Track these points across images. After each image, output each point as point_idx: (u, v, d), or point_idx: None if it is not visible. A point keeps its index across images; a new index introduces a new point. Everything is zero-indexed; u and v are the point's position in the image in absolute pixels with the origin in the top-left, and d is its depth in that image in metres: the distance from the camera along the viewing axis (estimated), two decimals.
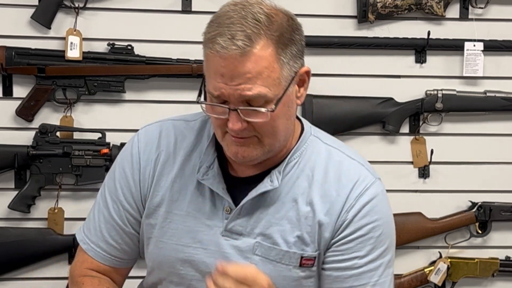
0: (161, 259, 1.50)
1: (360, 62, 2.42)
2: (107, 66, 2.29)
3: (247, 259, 1.45)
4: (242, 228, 1.46)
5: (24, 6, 2.28)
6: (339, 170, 1.48)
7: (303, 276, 1.47)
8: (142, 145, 1.53)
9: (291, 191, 1.46)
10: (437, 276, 2.43)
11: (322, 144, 1.52)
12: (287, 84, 1.39)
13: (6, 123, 2.31)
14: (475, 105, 2.44)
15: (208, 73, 1.37)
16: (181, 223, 1.48)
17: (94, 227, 1.55)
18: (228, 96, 1.34)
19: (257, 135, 1.39)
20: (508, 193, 2.49)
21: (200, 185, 1.48)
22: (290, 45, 1.39)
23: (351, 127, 2.41)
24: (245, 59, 1.32)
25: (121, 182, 1.53)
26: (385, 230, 1.49)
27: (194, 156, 1.50)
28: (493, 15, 2.45)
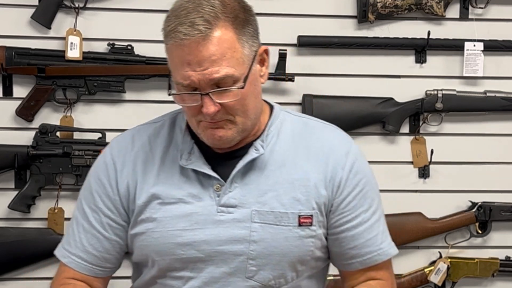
0: (160, 249, 1.51)
1: (360, 62, 2.43)
2: (107, 66, 2.29)
3: (246, 228, 1.49)
4: (236, 200, 1.50)
5: (24, 6, 2.28)
6: (319, 134, 1.58)
7: (304, 235, 1.51)
8: (115, 151, 1.57)
9: (277, 157, 1.53)
10: (437, 276, 2.43)
11: (294, 116, 1.61)
12: (250, 62, 1.45)
13: (6, 123, 2.31)
14: (475, 105, 2.44)
15: (173, 65, 1.44)
16: (175, 210, 1.51)
17: (74, 240, 1.57)
18: (198, 82, 1.41)
19: (230, 117, 1.45)
20: (508, 193, 2.50)
21: (184, 171, 1.52)
22: (246, 25, 1.46)
23: (351, 127, 2.40)
24: (208, 42, 1.39)
25: (98, 191, 1.55)
26: (373, 182, 1.61)
27: (171, 149, 1.55)
28: (493, 15, 2.45)
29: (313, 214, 1.51)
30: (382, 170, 2.45)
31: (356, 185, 1.55)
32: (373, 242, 1.56)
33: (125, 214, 1.55)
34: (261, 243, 1.49)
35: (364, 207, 1.55)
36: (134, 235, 1.54)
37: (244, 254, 1.49)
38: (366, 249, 1.56)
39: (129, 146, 1.57)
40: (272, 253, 1.49)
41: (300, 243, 1.51)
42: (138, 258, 1.58)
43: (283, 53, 2.33)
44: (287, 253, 1.50)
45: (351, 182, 1.54)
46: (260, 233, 1.49)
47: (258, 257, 1.49)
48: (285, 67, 2.34)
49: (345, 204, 1.54)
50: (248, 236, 1.48)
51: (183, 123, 1.56)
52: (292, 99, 2.40)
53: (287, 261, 1.50)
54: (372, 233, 1.56)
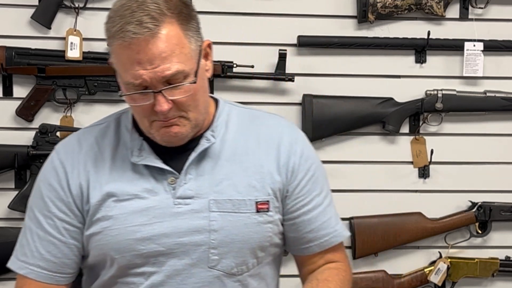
0: (119, 246, 1.49)
1: (360, 62, 2.43)
2: (107, 66, 2.28)
3: (205, 218, 1.49)
4: (192, 191, 1.50)
5: (24, 6, 2.28)
6: (266, 123, 1.61)
7: (262, 221, 1.53)
8: (63, 155, 1.55)
9: (228, 147, 1.54)
10: (437, 276, 2.43)
11: (239, 108, 1.64)
12: (197, 57, 1.46)
13: (6, 123, 2.31)
14: (475, 105, 2.44)
15: (121, 66, 1.43)
16: (131, 206, 1.50)
17: (30, 250, 1.54)
18: (149, 80, 1.41)
19: (183, 113, 1.46)
20: (508, 193, 2.50)
21: (136, 167, 1.52)
22: (190, 20, 1.46)
23: (351, 127, 2.41)
24: (157, 39, 1.39)
25: (50, 196, 1.53)
26: (321, 166, 1.64)
27: (120, 148, 1.54)
28: (493, 15, 2.45)
29: (269, 200, 1.54)
30: (382, 170, 2.45)
31: (308, 170, 1.58)
32: (328, 224, 1.60)
33: (80, 216, 1.53)
34: (222, 232, 1.50)
35: (317, 191, 1.59)
36: (90, 235, 1.52)
37: (205, 244, 1.49)
38: (323, 232, 1.59)
39: (76, 148, 1.56)
40: (233, 240, 1.50)
41: (259, 229, 1.53)
42: (94, 259, 1.55)
43: (283, 53, 2.33)
44: (248, 239, 1.51)
45: (303, 167, 1.57)
46: (220, 221, 1.50)
47: (220, 246, 1.50)
48: (285, 67, 2.34)
49: (300, 188, 1.57)
50: (207, 226, 1.49)
51: (128, 123, 1.56)
52: (292, 99, 2.40)
53: (248, 248, 1.52)
54: (326, 215, 1.60)
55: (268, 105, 2.35)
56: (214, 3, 2.36)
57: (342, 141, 2.43)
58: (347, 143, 2.44)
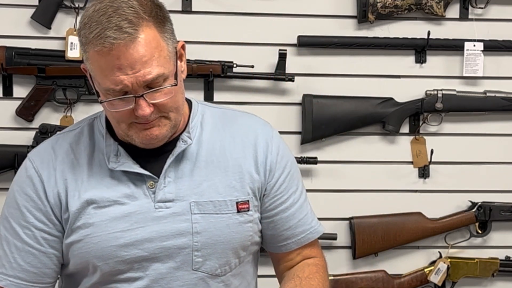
0: (101, 253, 1.48)
1: (360, 62, 2.42)
2: None
3: (187, 221, 1.49)
4: (172, 195, 1.50)
5: (24, 6, 2.28)
6: (240, 121, 1.61)
7: (243, 221, 1.54)
8: (38, 163, 1.53)
9: (205, 148, 1.54)
10: (437, 276, 2.43)
11: (212, 108, 1.63)
12: (174, 59, 1.46)
13: (6, 123, 2.31)
14: (475, 105, 2.44)
15: (100, 72, 1.41)
16: (111, 213, 1.49)
17: (8, 261, 1.52)
18: (131, 85, 1.39)
19: (163, 114, 1.45)
20: (508, 193, 2.49)
21: (114, 173, 1.50)
22: (165, 23, 1.45)
23: (351, 127, 2.41)
24: (136, 44, 1.38)
25: (27, 206, 1.51)
26: (295, 163, 1.65)
27: (96, 154, 1.53)
28: (493, 15, 2.45)
29: (249, 199, 1.54)
30: (382, 170, 2.45)
31: (284, 167, 1.59)
32: (305, 221, 1.61)
33: (59, 224, 1.51)
34: (204, 234, 1.50)
35: (293, 188, 1.61)
36: (70, 244, 1.51)
37: (188, 247, 1.49)
38: (300, 229, 1.61)
39: (52, 155, 1.53)
40: (216, 242, 1.51)
41: (240, 229, 1.53)
42: (75, 267, 1.54)
43: (283, 53, 2.33)
44: (230, 240, 1.52)
45: (280, 165, 1.58)
46: (202, 223, 1.49)
47: (203, 248, 1.50)
48: (285, 67, 2.34)
49: (277, 186, 1.58)
50: (190, 228, 1.49)
51: (102, 128, 1.54)
52: (292, 99, 2.40)
53: (230, 248, 1.52)
54: (303, 212, 1.62)
55: (268, 105, 2.35)
56: (214, 3, 2.36)
57: (342, 141, 2.43)
58: (347, 143, 2.44)
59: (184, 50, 1.52)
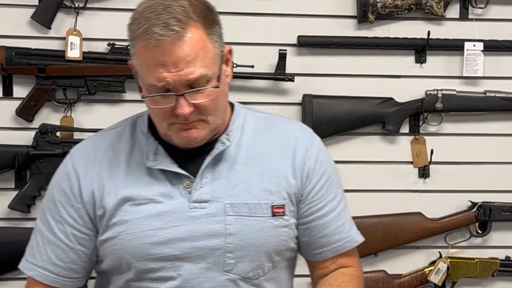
0: (135, 250, 1.50)
1: (360, 62, 2.42)
2: (107, 66, 2.29)
3: (221, 222, 1.49)
4: (208, 195, 1.50)
5: (24, 6, 2.28)
6: (282, 127, 1.62)
7: (278, 225, 1.53)
8: (76, 160, 1.56)
9: (244, 151, 1.54)
10: (437, 276, 2.43)
11: (255, 112, 1.64)
12: (219, 62, 1.47)
13: (6, 123, 2.31)
14: (475, 105, 2.44)
15: (145, 68, 1.43)
16: (147, 210, 1.50)
17: (39, 252, 1.55)
18: (173, 83, 1.40)
19: (202, 117, 1.46)
20: (508, 193, 2.49)
21: (152, 172, 1.52)
22: (214, 25, 1.46)
23: (351, 127, 2.41)
24: (182, 43, 1.39)
25: (61, 200, 1.54)
26: (336, 172, 1.65)
27: (135, 153, 1.54)
28: (493, 15, 2.45)
29: (285, 204, 1.54)
30: (382, 170, 2.45)
31: (322, 174, 1.58)
32: (342, 229, 1.60)
33: (89, 222, 1.53)
34: (238, 236, 1.50)
35: (331, 196, 1.59)
36: (105, 240, 1.52)
37: (221, 248, 1.49)
38: (336, 237, 1.59)
39: (91, 153, 1.56)
40: (249, 244, 1.50)
41: (275, 233, 1.53)
42: (109, 264, 1.55)
43: (283, 53, 2.33)
44: (264, 243, 1.51)
45: (318, 172, 1.57)
46: (236, 225, 1.50)
47: (236, 250, 1.50)
48: (285, 67, 2.34)
49: (314, 193, 1.57)
50: (223, 230, 1.49)
51: (144, 127, 1.57)
52: (292, 99, 2.40)
53: (264, 252, 1.52)
54: (340, 220, 1.60)
55: (268, 105, 2.35)
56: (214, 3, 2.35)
57: (342, 141, 2.43)
58: (347, 143, 2.44)
59: (231, 54, 1.54)
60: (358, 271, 1.64)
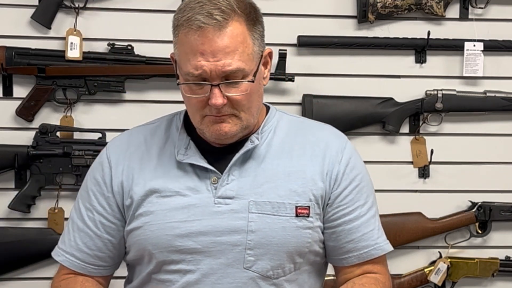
0: (157, 241, 1.51)
1: (360, 62, 2.42)
2: (107, 66, 2.29)
3: (244, 219, 1.50)
4: (233, 192, 1.52)
5: (24, 6, 2.28)
6: (315, 131, 1.63)
7: (301, 226, 1.53)
8: (110, 151, 1.60)
9: (274, 151, 1.56)
10: (437, 276, 2.43)
11: (290, 116, 1.66)
12: (258, 61, 1.49)
13: (6, 123, 2.31)
14: (475, 105, 2.44)
15: (184, 56, 1.45)
16: (172, 203, 1.52)
17: (68, 239, 1.60)
18: (209, 72, 1.43)
19: (235, 112, 1.47)
20: (508, 193, 2.49)
21: (181, 165, 1.54)
22: (257, 24, 1.49)
23: (351, 127, 2.40)
24: (223, 34, 1.42)
25: (93, 189, 1.58)
26: (368, 178, 1.64)
27: (168, 146, 1.57)
28: (493, 15, 2.45)
29: (310, 206, 1.53)
30: (382, 170, 2.45)
31: (352, 180, 1.58)
32: (369, 236, 1.58)
33: (118, 212, 1.56)
34: (259, 233, 1.50)
35: (361, 202, 1.58)
36: (131, 230, 1.55)
37: (241, 244, 1.50)
38: (363, 243, 1.58)
39: (125, 145, 1.60)
40: (270, 243, 1.50)
41: (297, 234, 1.52)
42: (134, 255, 1.58)
43: (283, 53, 2.33)
44: (285, 243, 1.51)
45: (347, 176, 1.57)
46: (258, 223, 1.50)
47: (256, 247, 1.50)
48: (285, 67, 2.34)
49: (342, 197, 1.56)
50: (245, 226, 1.50)
51: (179, 123, 1.59)
52: (292, 99, 2.40)
53: (285, 252, 1.51)
54: (368, 227, 1.59)
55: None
56: None
57: None
58: None
59: (270, 58, 1.56)
60: (385, 278, 1.61)
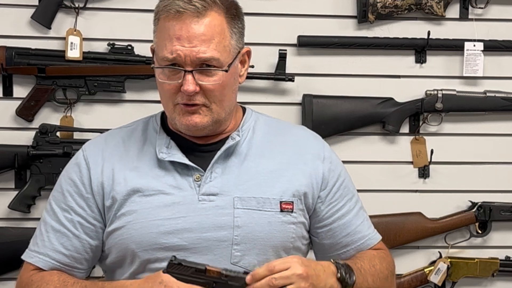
0: (141, 239, 1.51)
1: (360, 62, 2.42)
2: (107, 66, 2.29)
3: (229, 215, 1.51)
4: (217, 189, 1.53)
5: (24, 6, 2.28)
6: (292, 131, 1.67)
7: (286, 221, 1.55)
8: (87, 152, 1.59)
9: (255, 150, 1.58)
10: (437, 276, 2.43)
11: (265, 117, 1.68)
12: (234, 55, 1.51)
13: (6, 123, 2.31)
14: (475, 105, 2.44)
15: (161, 40, 1.48)
16: (156, 201, 1.52)
17: (41, 240, 1.57)
18: (184, 57, 1.45)
19: (206, 102, 1.49)
20: (508, 193, 2.49)
21: (162, 164, 1.55)
22: (236, 20, 1.52)
23: (351, 127, 2.41)
24: (201, 21, 1.45)
25: (70, 190, 1.57)
26: (347, 173, 1.69)
27: (147, 147, 1.58)
28: (493, 15, 2.45)
29: (294, 201, 1.56)
30: (382, 170, 2.45)
31: (338, 176, 1.63)
32: (362, 228, 1.64)
33: (98, 213, 1.56)
34: (245, 228, 1.51)
35: (349, 196, 1.63)
36: (112, 231, 1.54)
37: (228, 240, 1.51)
38: (358, 235, 1.62)
39: (103, 146, 1.60)
40: (256, 237, 1.52)
41: (282, 229, 1.54)
42: (114, 257, 1.57)
43: (283, 53, 2.33)
44: (271, 238, 1.53)
45: (333, 174, 1.61)
46: (244, 218, 1.51)
47: (243, 242, 1.51)
48: (285, 67, 2.34)
49: (332, 194, 1.60)
50: (231, 222, 1.51)
51: (156, 125, 1.60)
52: (292, 99, 2.40)
53: (270, 246, 1.53)
54: (359, 219, 1.64)
55: (268, 105, 2.35)
56: None
57: (342, 141, 2.43)
58: (347, 143, 2.44)
59: (248, 57, 1.59)
60: (385, 253, 1.66)
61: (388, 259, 1.66)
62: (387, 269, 1.63)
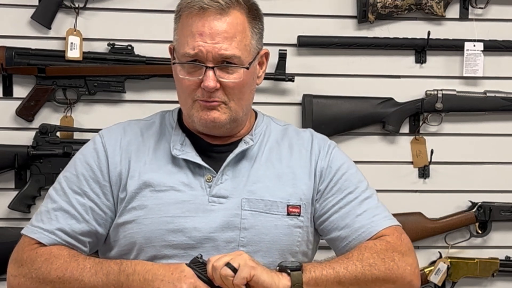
0: (150, 235, 1.52)
1: (360, 62, 2.42)
2: (107, 66, 2.29)
3: (237, 216, 1.52)
4: (227, 191, 1.54)
5: (24, 6, 2.28)
6: (299, 134, 1.69)
7: (292, 224, 1.56)
8: (106, 139, 1.60)
9: (265, 154, 1.59)
10: (437, 276, 2.43)
11: (276, 121, 1.72)
12: (254, 55, 1.52)
13: (6, 123, 2.31)
14: (475, 105, 2.44)
15: (183, 37, 1.49)
16: (167, 198, 1.53)
17: (48, 218, 1.56)
18: (205, 53, 1.46)
19: (225, 100, 1.50)
20: (508, 193, 2.49)
21: (176, 161, 1.55)
22: (257, 21, 1.54)
23: (351, 127, 2.41)
24: (224, 19, 1.46)
25: (85, 175, 1.56)
26: (355, 166, 1.69)
27: (162, 142, 1.59)
28: (493, 15, 2.45)
29: (301, 205, 1.57)
30: (382, 170, 2.45)
31: (337, 170, 1.63)
32: (363, 217, 1.60)
33: (112, 203, 1.56)
34: (252, 230, 1.52)
35: (350, 189, 1.62)
36: (121, 224, 1.55)
37: (234, 241, 1.52)
38: (358, 224, 1.59)
39: (121, 135, 1.60)
40: (263, 240, 1.53)
41: (289, 232, 1.55)
42: (120, 250, 1.57)
43: (283, 53, 2.33)
44: (277, 241, 1.53)
45: (331, 169, 1.62)
46: (251, 220, 1.52)
47: (249, 244, 1.52)
48: (285, 67, 2.34)
49: (328, 189, 1.60)
50: (238, 224, 1.52)
51: (173, 121, 1.61)
52: (292, 99, 2.40)
53: (276, 249, 1.54)
54: (361, 209, 1.61)
55: (268, 105, 2.35)
56: None
57: (342, 141, 2.43)
58: (347, 143, 2.44)
59: (267, 59, 1.60)
60: (382, 244, 1.54)
61: (379, 247, 1.53)
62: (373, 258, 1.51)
